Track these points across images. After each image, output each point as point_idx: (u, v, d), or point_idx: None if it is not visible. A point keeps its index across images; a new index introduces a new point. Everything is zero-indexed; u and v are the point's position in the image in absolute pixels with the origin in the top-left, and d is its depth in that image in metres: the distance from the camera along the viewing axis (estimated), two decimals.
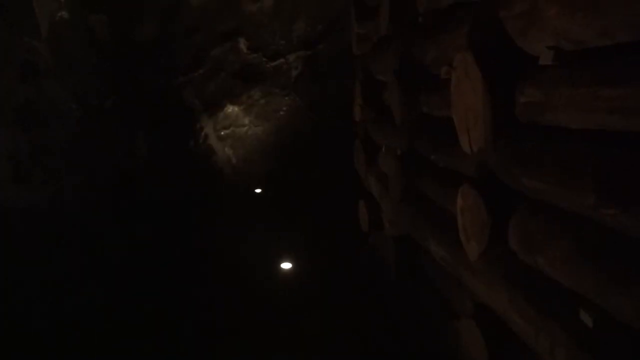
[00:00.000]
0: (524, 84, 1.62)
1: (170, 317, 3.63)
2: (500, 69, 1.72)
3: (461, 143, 2.03)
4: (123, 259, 4.73)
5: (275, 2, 6.56)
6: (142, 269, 4.49)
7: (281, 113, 7.22)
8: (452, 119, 2.10)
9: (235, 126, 7.13)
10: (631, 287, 1.13)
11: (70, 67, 6.13)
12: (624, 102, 1.16)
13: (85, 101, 6.28)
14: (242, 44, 6.77)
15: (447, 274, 2.49)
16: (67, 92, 6.17)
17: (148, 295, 3.99)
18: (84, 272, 4.45)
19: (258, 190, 6.94)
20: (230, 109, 7.00)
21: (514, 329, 1.73)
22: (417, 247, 3.04)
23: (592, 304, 1.29)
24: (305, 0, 6.59)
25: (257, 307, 3.70)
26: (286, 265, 4.53)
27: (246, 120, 7.11)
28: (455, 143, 2.09)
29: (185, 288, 4.12)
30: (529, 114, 1.61)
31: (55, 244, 4.89)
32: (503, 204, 1.79)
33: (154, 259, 4.74)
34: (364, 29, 4.06)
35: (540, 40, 1.48)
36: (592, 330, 1.29)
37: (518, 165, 1.62)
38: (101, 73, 6.27)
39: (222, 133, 7.08)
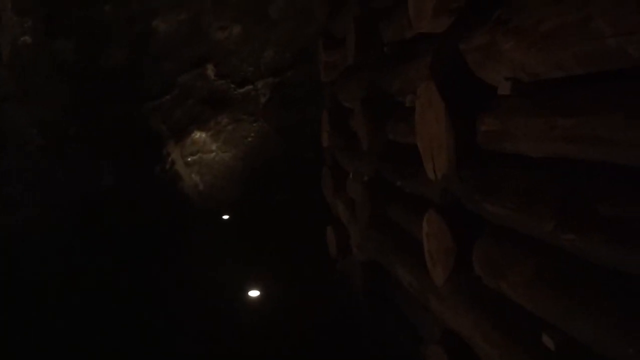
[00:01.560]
0: (484, 113, 1.68)
1: (133, 350, 3.51)
2: (462, 99, 1.78)
3: (426, 170, 2.07)
4: (85, 291, 4.57)
5: (244, 30, 6.62)
6: (105, 302, 4.34)
7: (249, 139, 7.23)
8: (418, 146, 2.14)
9: (203, 152, 7.08)
10: (590, 311, 1.16)
11: (32, 93, 6.00)
12: (578, 131, 1.21)
13: (48, 128, 6.14)
14: (210, 71, 6.79)
15: (415, 299, 2.50)
16: (28, 118, 6.02)
17: (113, 326, 3.85)
18: (41, 307, 4.27)
19: (226, 217, 6.87)
20: (198, 135, 6.96)
21: (480, 354, 1.74)
22: (385, 272, 3.05)
23: (554, 328, 1.32)
24: (274, 28, 6.68)
25: (224, 335, 3.62)
26: (254, 292, 4.46)
27: (214, 147, 7.08)
28: (421, 170, 2.13)
29: (150, 317, 4.00)
30: (490, 142, 1.66)
31: (9, 277, 4.69)
32: (468, 230, 1.82)
33: (119, 288, 4.60)
34: (332, 57, 4.13)
35: (499, 72, 1.54)
36: (554, 354, 1.31)
37: (481, 192, 1.66)
38: (66, 99, 6.16)
39: (190, 159, 7.02)
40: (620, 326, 1.08)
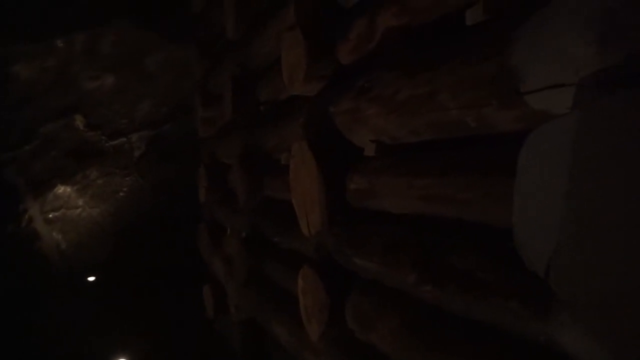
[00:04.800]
0: (353, 172, 1.79)
1: None
2: (333, 158, 1.88)
3: (301, 226, 2.11)
4: None
5: (118, 81, 6.39)
6: None
7: (121, 194, 6.83)
8: (293, 203, 2.19)
9: (67, 208, 6.52)
10: (445, 357, 1.25)
11: None
12: (431, 190, 1.34)
13: None
14: (79, 121, 6.39)
15: (293, 357, 2.48)
16: None
17: None
18: None
19: (91, 278, 6.31)
20: (62, 189, 6.41)
21: None
22: (263, 331, 3.00)
23: None
24: (151, 81, 6.54)
25: None
26: None
27: (80, 202, 6.56)
28: (296, 226, 2.17)
29: None
30: (358, 199, 1.76)
31: None
32: (341, 285, 1.87)
33: None
34: (209, 113, 4.13)
35: (364, 134, 1.66)
36: None
37: (350, 247, 1.74)
38: None
39: (51, 215, 6.41)
40: None
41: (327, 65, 1.85)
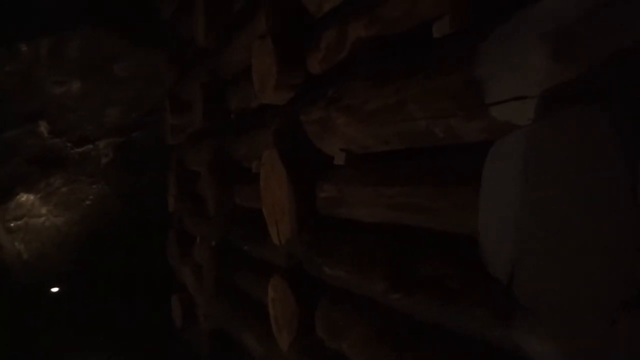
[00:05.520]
0: (323, 181, 1.79)
1: None
2: (302, 166, 1.88)
3: (271, 235, 2.10)
4: None
5: (85, 86, 6.25)
6: None
7: (87, 202, 6.66)
8: (263, 211, 2.18)
9: (30, 217, 6.32)
10: None
11: None
12: (399, 199, 1.35)
13: None
14: (43, 127, 6.21)
15: None
16: None
17: None
18: None
19: (55, 289, 6.12)
20: (24, 197, 6.22)
21: None
22: (232, 341, 2.96)
23: None
24: (120, 87, 6.42)
25: None
26: None
27: (44, 210, 6.37)
28: (267, 234, 2.16)
29: None
30: (328, 208, 1.77)
31: None
32: (311, 294, 1.87)
33: None
34: (179, 120, 4.08)
35: (334, 143, 1.67)
36: None
37: (320, 256, 1.74)
38: None
39: (12, 225, 6.20)
40: None
41: (297, 75, 1.85)
